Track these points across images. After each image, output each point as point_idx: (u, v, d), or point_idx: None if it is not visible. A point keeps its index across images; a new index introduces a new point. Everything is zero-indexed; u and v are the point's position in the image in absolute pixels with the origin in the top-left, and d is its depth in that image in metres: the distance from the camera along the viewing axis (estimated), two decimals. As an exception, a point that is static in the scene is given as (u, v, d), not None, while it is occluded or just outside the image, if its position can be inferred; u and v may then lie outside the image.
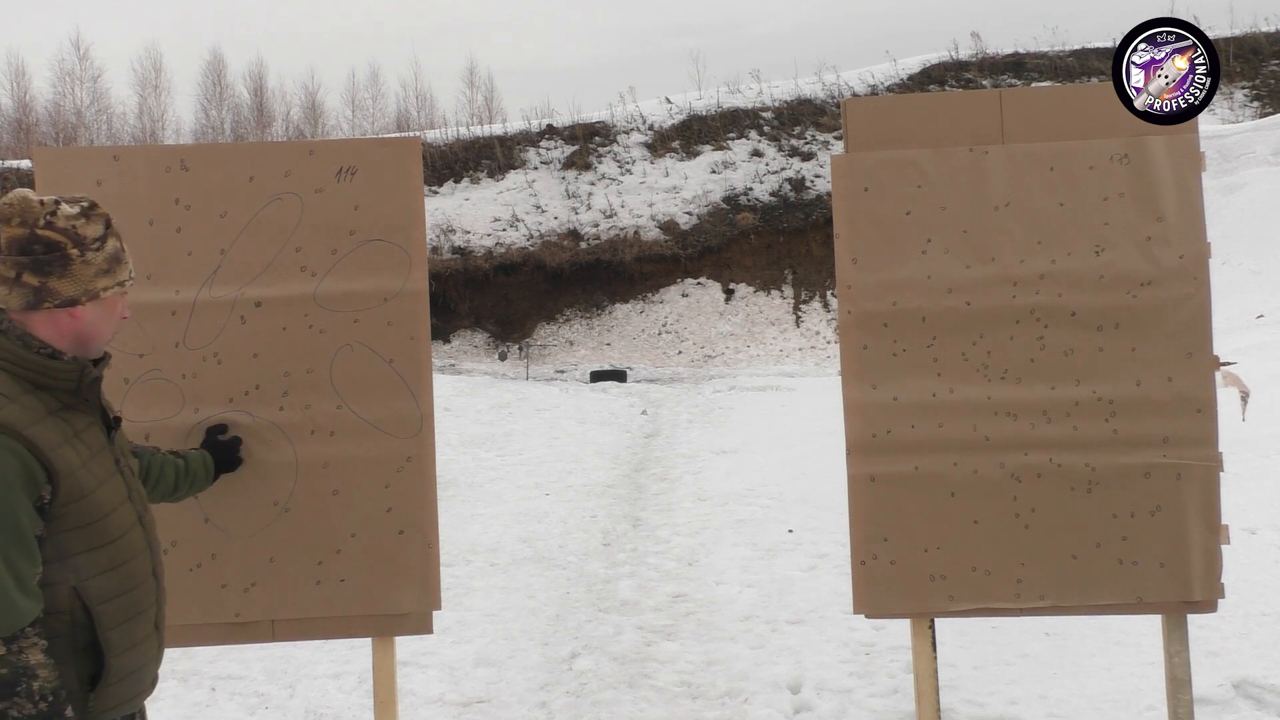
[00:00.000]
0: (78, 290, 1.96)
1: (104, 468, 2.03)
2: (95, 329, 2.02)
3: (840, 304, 2.95)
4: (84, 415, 2.03)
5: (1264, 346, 9.92)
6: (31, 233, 1.93)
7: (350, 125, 44.25)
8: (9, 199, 1.94)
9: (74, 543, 1.95)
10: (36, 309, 1.95)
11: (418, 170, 2.87)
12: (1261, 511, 5.92)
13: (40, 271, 1.93)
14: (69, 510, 1.94)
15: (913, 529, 2.91)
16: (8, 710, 1.83)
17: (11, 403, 1.91)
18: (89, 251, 1.97)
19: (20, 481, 1.87)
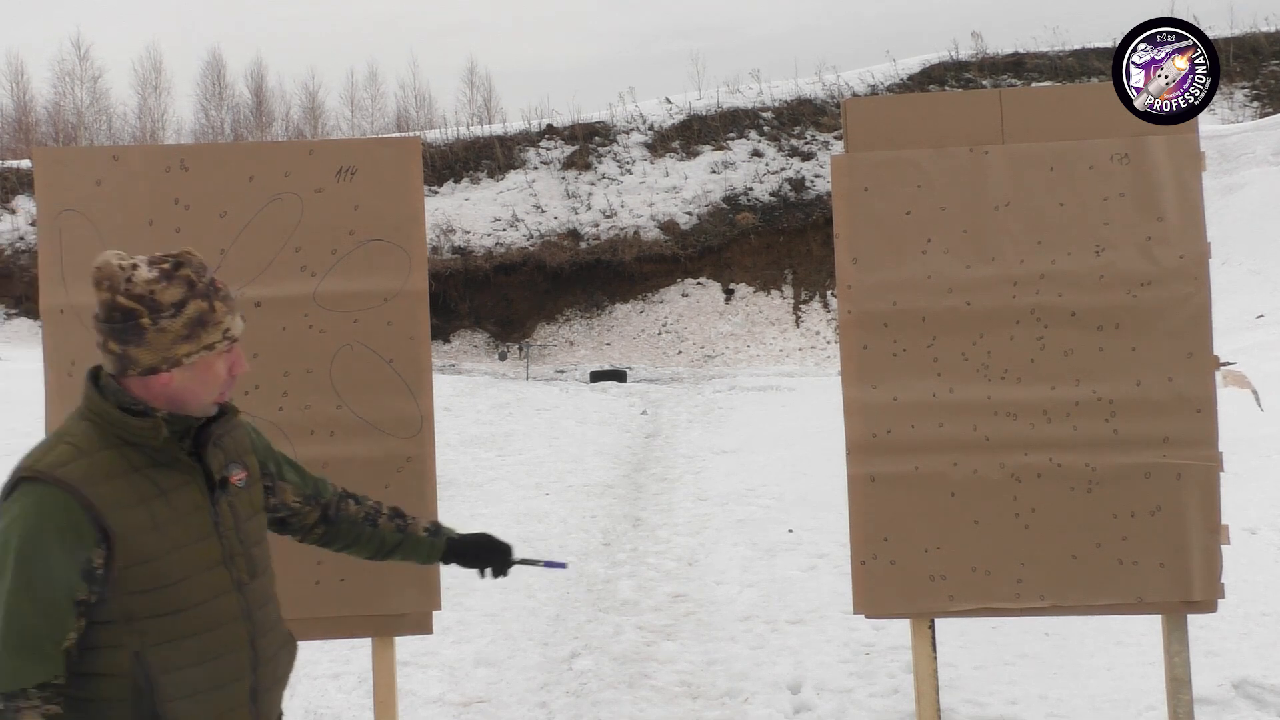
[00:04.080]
0: (156, 359, 1.88)
1: (190, 531, 1.93)
2: (188, 392, 1.93)
3: (840, 304, 2.95)
4: (177, 474, 1.93)
5: (1264, 346, 9.92)
6: (113, 299, 1.87)
7: (350, 125, 44.26)
8: (96, 263, 1.89)
9: (139, 607, 1.86)
10: (124, 376, 1.90)
11: (418, 170, 2.87)
12: (1261, 511, 5.92)
13: (119, 339, 1.88)
14: (132, 573, 1.85)
15: (913, 529, 2.91)
16: None
17: (83, 458, 1.86)
18: (163, 319, 1.87)
19: (58, 538, 1.80)
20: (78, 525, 1.80)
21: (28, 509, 1.81)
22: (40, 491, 1.81)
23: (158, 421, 1.90)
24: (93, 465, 1.85)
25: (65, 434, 1.90)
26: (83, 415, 1.91)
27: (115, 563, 1.83)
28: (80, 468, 1.84)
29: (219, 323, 1.93)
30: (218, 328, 1.93)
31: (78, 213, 2.77)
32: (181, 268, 1.91)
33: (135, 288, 1.86)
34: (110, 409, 1.88)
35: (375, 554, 2.36)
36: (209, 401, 1.96)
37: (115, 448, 1.88)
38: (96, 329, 1.90)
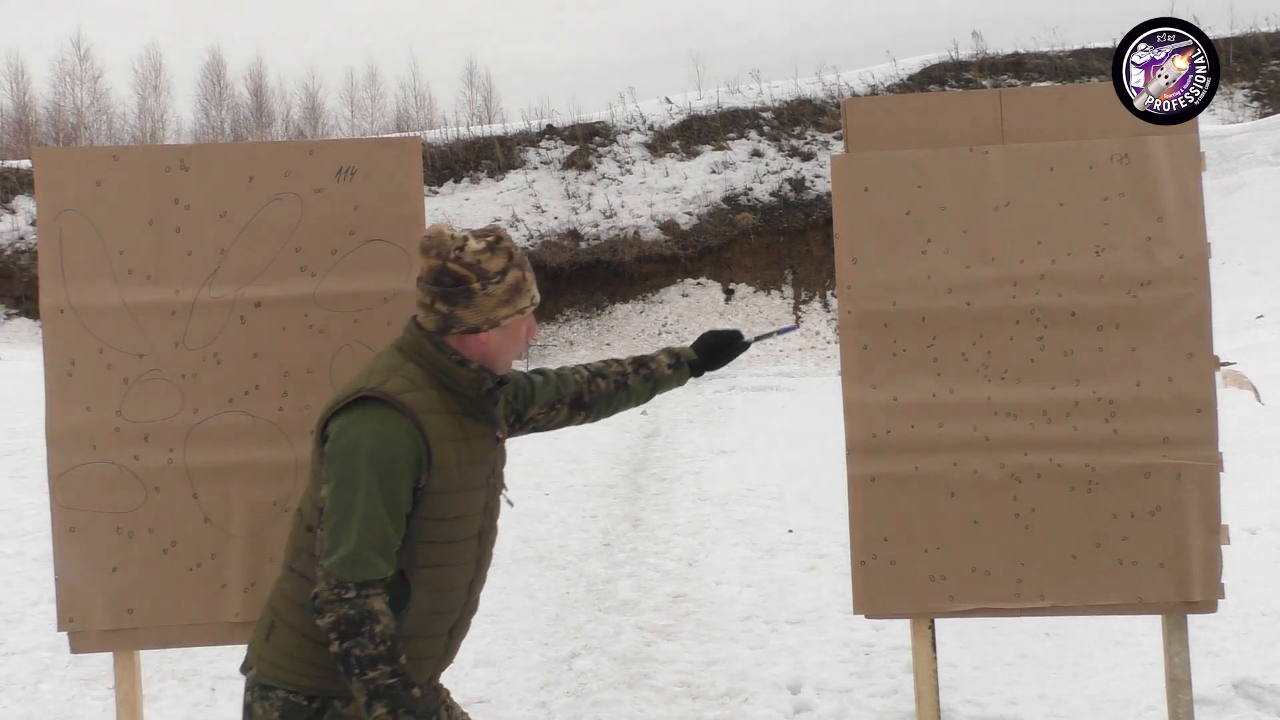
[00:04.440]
0: (480, 319, 2.15)
1: (475, 477, 2.19)
2: (500, 351, 2.20)
3: (840, 304, 2.95)
4: (477, 424, 2.20)
5: (1264, 346, 9.92)
6: (443, 265, 2.14)
7: (350, 125, 44.26)
8: (427, 232, 2.17)
9: (422, 531, 2.11)
10: (446, 333, 2.16)
11: (418, 170, 2.87)
12: (1261, 511, 5.93)
13: (448, 301, 2.14)
14: (432, 500, 2.11)
15: (913, 529, 2.91)
16: (351, 649, 1.99)
17: (416, 390, 2.11)
18: (490, 285, 2.14)
19: (408, 461, 2.06)
20: (417, 448, 2.07)
21: (379, 427, 2.06)
22: (387, 413, 2.07)
23: (481, 373, 2.17)
24: (425, 399, 2.11)
25: (395, 368, 2.15)
26: (408, 356, 2.17)
27: (428, 488, 2.09)
28: (415, 399, 2.10)
29: (528, 290, 2.21)
30: (527, 294, 2.20)
31: (78, 213, 2.77)
32: (501, 241, 2.17)
33: (466, 256, 2.13)
34: (440, 356, 2.15)
35: (640, 404, 2.71)
36: (511, 361, 2.25)
37: (438, 389, 2.14)
38: (424, 290, 2.17)
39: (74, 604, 2.76)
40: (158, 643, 2.83)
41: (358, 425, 2.07)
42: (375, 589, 2.03)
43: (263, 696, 2.15)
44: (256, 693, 2.17)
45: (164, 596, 2.77)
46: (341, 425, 2.09)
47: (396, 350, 2.20)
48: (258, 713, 2.16)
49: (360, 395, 2.10)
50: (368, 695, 2.00)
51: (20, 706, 4.34)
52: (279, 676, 2.14)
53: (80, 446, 2.74)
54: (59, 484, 2.74)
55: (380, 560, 2.03)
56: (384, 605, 2.03)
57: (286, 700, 2.13)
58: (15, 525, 6.73)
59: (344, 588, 2.00)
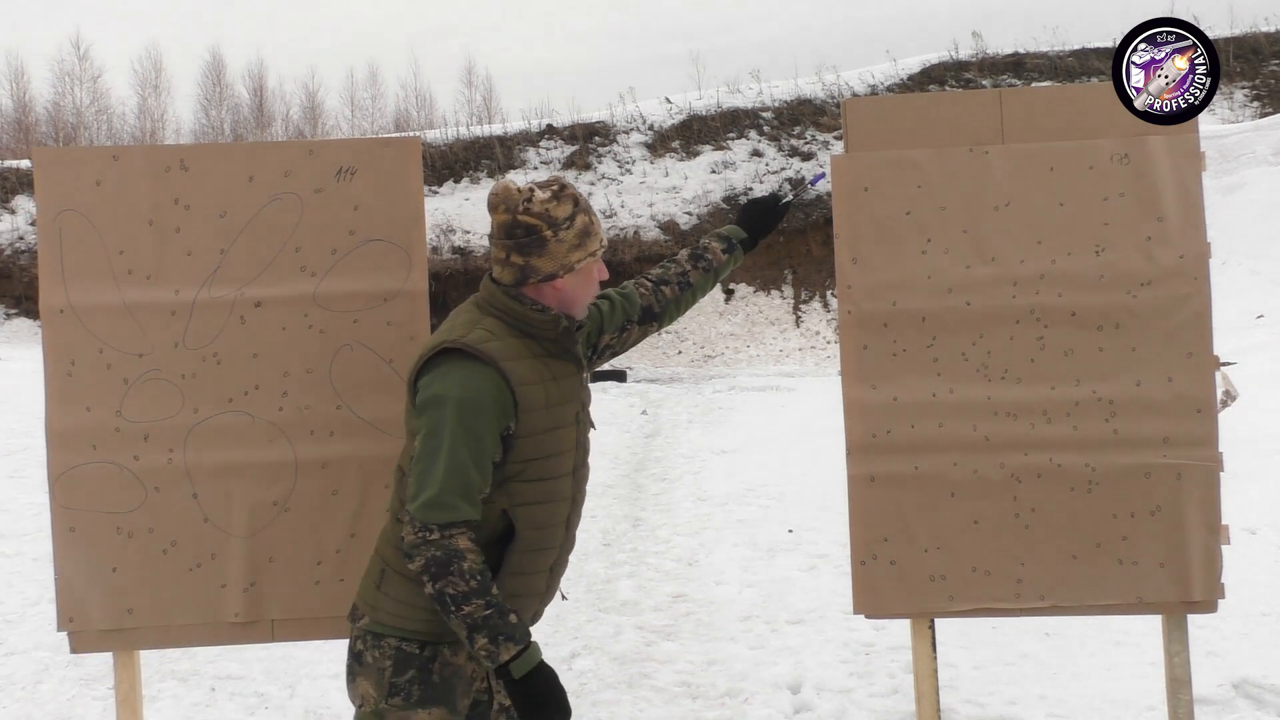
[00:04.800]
0: (555, 266, 2.22)
1: (565, 414, 2.26)
2: (576, 294, 2.29)
3: (840, 304, 2.95)
4: (563, 363, 2.29)
5: (1264, 346, 9.92)
6: (513, 218, 2.21)
7: (350, 125, 44.25)
8: (495, 189, 2.23)
9: (517, 471, 2.19)
10: (524, 284, 2.24)
11: (418, 170, 2.87)
12: (1261, 511, 5.92)
13: (523, 252, 2.21)
14: (524, 443, 2.18)
15: (913, 529, 2.91)
16: (444, 589, 2.07)
17: (497, 340, 2.18)
18: (561, 231, 2.21)
19: (494, 408, 2.13)
20: (502, 396, 2.14)
21: (465, 377, 2.13)
22: (471, 364, 2.14)
23: (557, 315, 2.24)
24: (506, 347, 2.18)
25: (475, 322, 2.22)
26: (485, 311, 2.25)
27: (517, 432, 2.17)
28: (497, 347, 2.17)
29: (597, 233, 2.28)
30: (596, 237, 2.28)
31: (78, 213, 2.77)
32: (566, 188, 2.24)
33: (534, 206, 2.20)
34: (517, 306, 2.22)
35: (706, 293, 2.82)
36: (586, 303, 2.34)
37: (518, 337, 2.22)
38: (498, 245, 2.24)
39: (74, 604, 2.76)
40: (158, 643, 2.83)
41: (443, 377, 2.15)
42: (459, 529, 2.10)
43: (375, 645, 2.23)
44: (368, 640, 2.25)
45: (164, 596, 2.77)
46: (429, 378, 2.18)
47: (474, 306, 2.28)
48: (368, 660, 2.24)
49: (443, 348, 2.18)
50: (467, 629, 2.07)
51: (20, 706, 4.34)
52: (392, 623, 2.22)
53: (80, 446, 2.74)
54: (59, 484, 2.75)
55: (463, 504, 2.11)
56: (470, 543, 2.10)
57: (399, 649, 2.22)
58: (15, 525, 6.73)
59: (428, 529, 2.09)
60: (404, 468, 2.30)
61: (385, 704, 2.22)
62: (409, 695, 2.21)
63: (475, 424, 2.12)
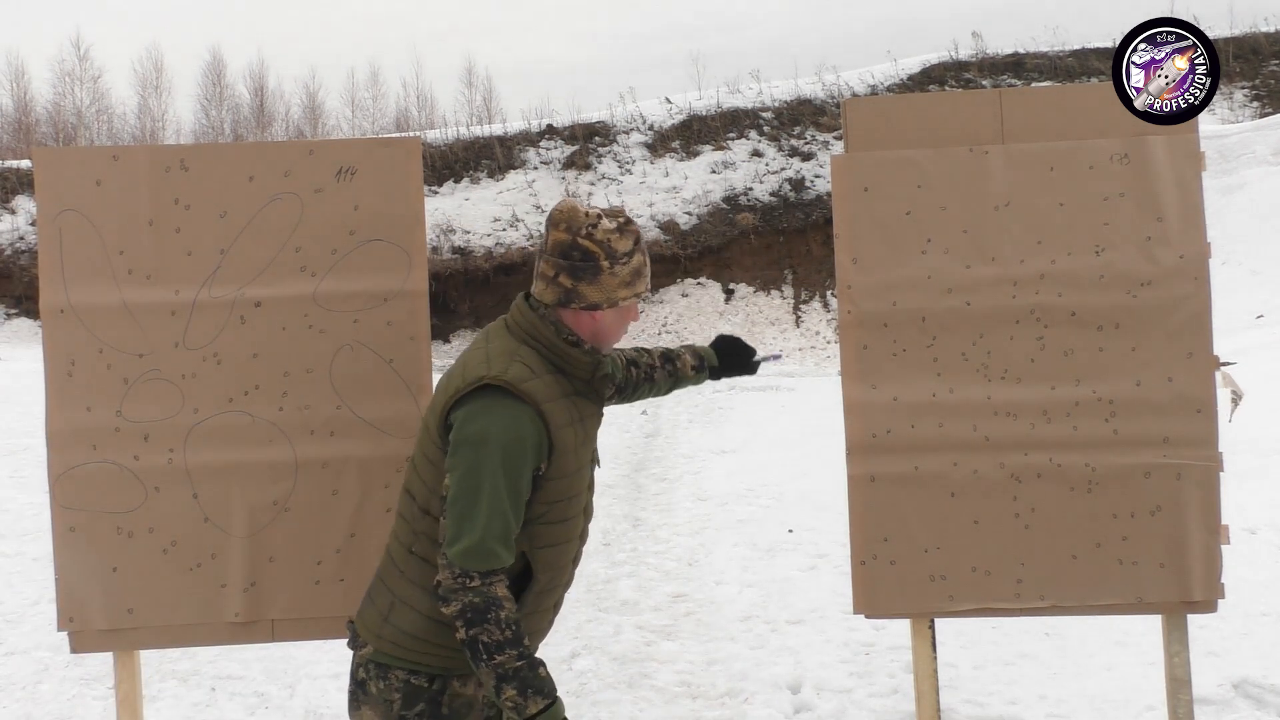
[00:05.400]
0: (601, 297, 2.18)
1: (586, 456, 2.26)
2: (610, 330, 2.25)
3: (840, 304, 2.95)
4: (589, 404, 2.27)
5: (1264, 346, 9.91)
6: (573, 240, 2.16)
7: (350, 125, 44.25)
8: (560, 206, 2.18)
9: (540, 512, 2.17)
10: (565, 307, 2.19)
11: (418, 170, 2.87)
12: (1261, 511, 5.92)
13: (574, 276, 2.16)
14: (550, 485, 2.16)
15: (913, 529, 2.91)
16: (479, 636, 2.04)
17: (536, 379, 2.14)
18: (618, 265, 2.17)
19: (533, 450, 2.10)
20: (540, 437, 2.11)
21: (508, 418, 2.08)
22: (511, 403, 2.09)
23: (595, 356, 2.22)
24: (544, 385, 2.14)
25: (513, 353, 2.16)
26: (521, 339, 2.19)
27: (548, 474, 2.14)
28: (536, 386, 2.12)
29: (646, 276, 2.25)
30: (644, 280, 2.24)
31: (78, 213, 2.77)
32: (631, 223, 2.21)
33: (598, 234, 2.16)
34: (555, 339, 2.18)
35: (655, 396, 2.75)
36: (615, 342, 2.30)
37: (553, 373, 2.18)
38: (548, 264, 2.18)
39: (74, 604, 2.76)
40: (158, 643, 2.83)
41: (484, 416, 2.10)
42: (498, 576, 2.07)
43: (380, 675, 2.19)
44: (372, 670, 2.20)
45: (164, 596, 2.77)
46: (467, 414, 2.11)
47: (508, 331, 2.22)
48: (373, 691, 2.19)
49: (484, 384, 2.12)
50: (496, 679, 2.04)
51: (20, 706, 4.34)
52: (400, 656, 2.18)
53: (80, 446, 2.74)
54: (59, 484, 2.75)
55: (503, 550, 2.08)
56: (506, 591, 2.08)
57: (407, 682, 2.17)
58: (15, 525, 6.73)
59: (469, 576, 2.05)
60: (416, 495, 2.23)
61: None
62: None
63: (514, 467, 2.08)
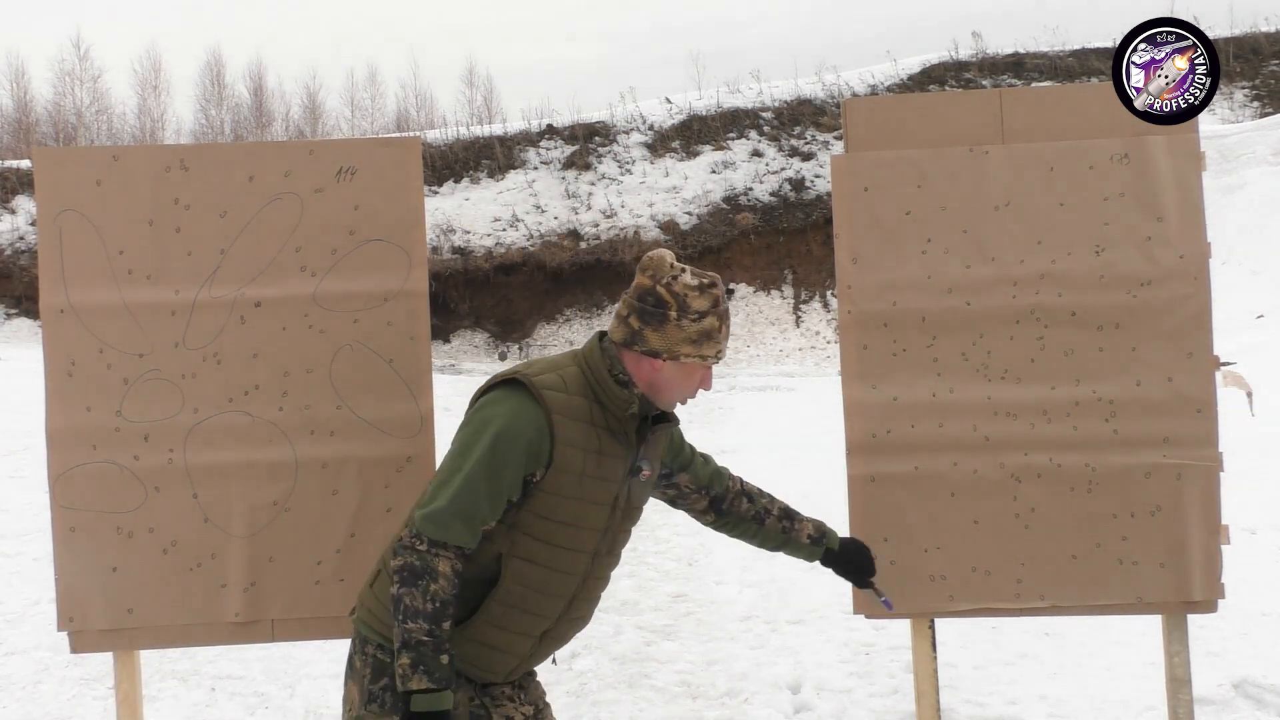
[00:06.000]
0: (663, 346, 2.19)
1: (600, 493, 2.22)
2: (669, 385, 2.24)
3: (840, 304, 2.95)
4: (618, 445, 2.24)
5: (1264, 346, 9.91)
6: (653, 286, 2.20)
7: (350, 125, 44.24)
8: (651, 254, 2.22)
9: (526, 523, 2.17)
10: (629, 347, 2.22)
11: (418, 170, 2.87)
12: (1261, 511, 5.93)
13: (642, 319, 2.20)
14: (542, 497, 2.16)
15: (913, 529, 2.91)
16: (403, 596, 2.06)
17: (563, 394, 2.17)
18: (686, 319, 2.19)
19: (525, 449, 2.12)
20: (541, 443, 2.13)
21: (515, 410, 2.13)
22: (526, 400, 2.14)
23: (635, 396, 2.22)
24: (569, 403, 2.17)
25: (560, 367, 2.23)
26: (577, 362, 2.24)
27: (541, 485, 2.15)
28: (560, 399, 2.16)
29: (719, 341, 2.23)
30: (715, 345, 2.23)
31: (78, 213, 2.77)
32: (715, 287, 2.22)
33: (676, 286, 2.19)
34: (603, 370, 2.21)
35: (762, 546, 2.72)
36: (675, 401, 2.28)
37: (588, 399, 2.20)
38: (625, 304, 2.24)
39: (74, 604, 2.76)
40: (158, 643, 2.83)
41: (497, 404, 2.16)
42: (447, 551, 2.09)
43: (360, 650, 2.24)
44: (357, 645, 2.26)
45: (164, 596, 2.77)
46: (486, 399, 2.19)
47: (570, 354, 2.29)
48: (356, 665, 2.25)
49: (512, 377, 2.19)
50: (400, 641, 2.06)
51: (20, 706, 4.34)
52: (373, 624, 2.22)
53: (80, 446, 2.74)
54: (59, 484, 2.75)
55: (462, 528, 2.09)
56: (450, 569, 2.08)
57: (375, 657, 2.21)
58: (15, 525, 6.73)
59: (419, 538, 2.08)
60: None
61: (364, 710, 2.21)
62: (383, 703, 2.19)
63: (503, 457, 2.11)
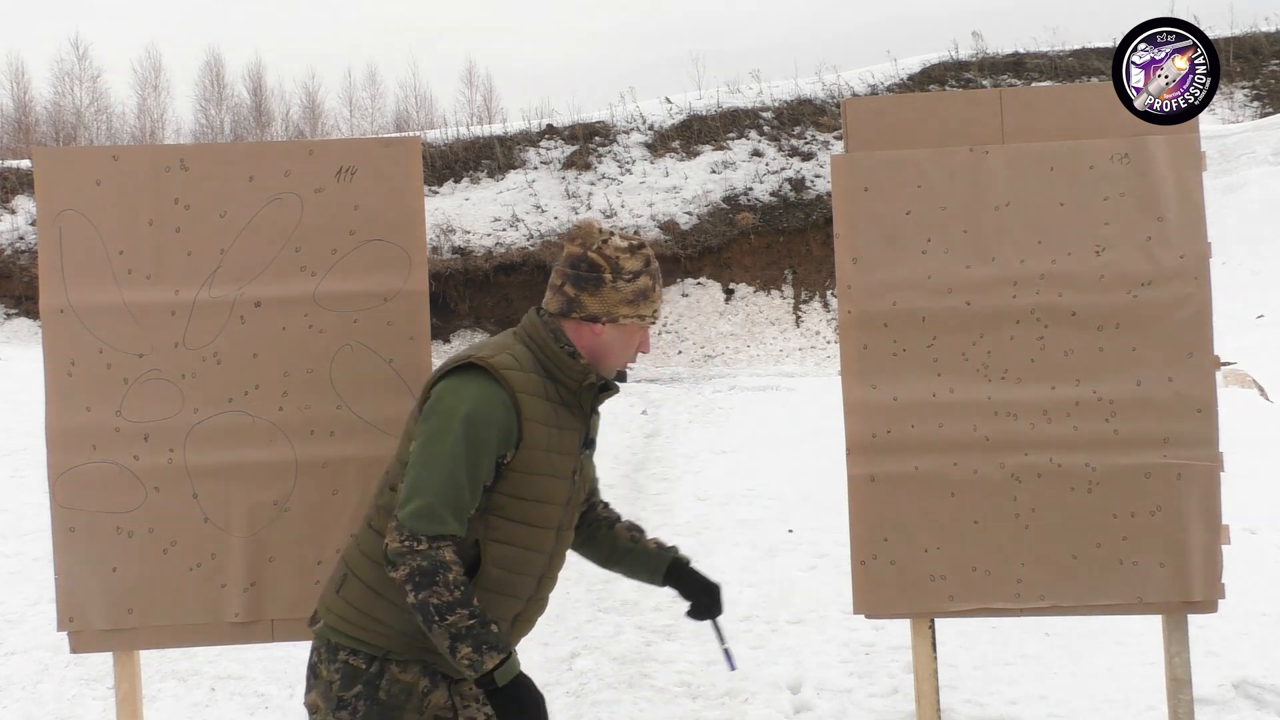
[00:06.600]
0: (601, 310, 2.23)
1: (561, 466, 2.24)
2: (610, 349, 2.27)
3: (840, 304, 2.95)
4: (572, 417, 2.27)
5: (1264, 346, 9.92)
6: (584, 252, 2.25)
7: (350, 125, 44.26)
8: (579, 223, 2.27)
9: (500, 504, 2.18)
10: (566, 316, 2.25)
11: (418, 170, 2.87)
12: (1261, 511, 5.93)
13: (577, 286, 2.24)
14: (513, 477, 2.17)
15: (913, 529, 2.91)
16: (428, 599, 2.05)
17: (520, 371, 2.18)
18: (620, 280, 2.23)
19: (499, 433, 2.13)
20: (510, 424, 2.14)
21: (480, 395, 2.13)
22: (488, 383, 2.15)
23: (587, 366, 2.24)
24: (526, 380, 2.18)
25: (507, 347, 2.23)
26: (521, 340, 2.26)
27: (512, 464, 2.16)
28: (519, 378, 2.17)
29: (654, 301, 2.28)
30: (651, 305, 2.27)
31: (78, 213, 2.77)
32: (644, 248, 2.27)
33: (607, 249, 2.24)
34: (552, 343, 2.23)
35: (609, 558, 2.59)
36: (617, 365, 2.30)
37: (540, 374, 2.22)
38: (558, 273, 2.27)
39: (74, 604, 2.76)
40: (158, 643, 2.83)
41: (459, 391, 2.15)
42: (446, 542, 2.08)
43: (329, 658, 2.22)
44: (323, 653, 2.23)
45: (164, 596, 2.77)
46: (444, 387, 2.18)
47: (511, 333, 2.30)
48: (322, 674, 2.22)
49: (468, 362, 2.18)
50: (450, 639, 2.06)
51: (20, 706, 4.34)
52: (344, 630, 2.20)
53: (80, 446, 2.74)
54: (59, 484, 2.75)
55: (452, 518, 2.09)
56: (454, 556, 2.08)
57: (346, 662, 2.19)
58: (15, 525, 6.73)
59: (416, 539, 2.06)
60: (390, 473, 2.28)
61: (332, 717, 2.18)
62: (355, 710, 2.17)
63: (478, 442, 2.11)
